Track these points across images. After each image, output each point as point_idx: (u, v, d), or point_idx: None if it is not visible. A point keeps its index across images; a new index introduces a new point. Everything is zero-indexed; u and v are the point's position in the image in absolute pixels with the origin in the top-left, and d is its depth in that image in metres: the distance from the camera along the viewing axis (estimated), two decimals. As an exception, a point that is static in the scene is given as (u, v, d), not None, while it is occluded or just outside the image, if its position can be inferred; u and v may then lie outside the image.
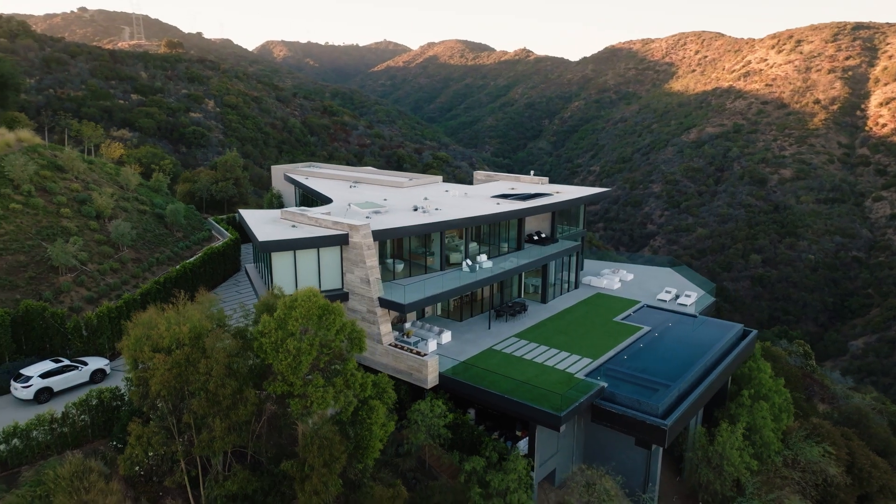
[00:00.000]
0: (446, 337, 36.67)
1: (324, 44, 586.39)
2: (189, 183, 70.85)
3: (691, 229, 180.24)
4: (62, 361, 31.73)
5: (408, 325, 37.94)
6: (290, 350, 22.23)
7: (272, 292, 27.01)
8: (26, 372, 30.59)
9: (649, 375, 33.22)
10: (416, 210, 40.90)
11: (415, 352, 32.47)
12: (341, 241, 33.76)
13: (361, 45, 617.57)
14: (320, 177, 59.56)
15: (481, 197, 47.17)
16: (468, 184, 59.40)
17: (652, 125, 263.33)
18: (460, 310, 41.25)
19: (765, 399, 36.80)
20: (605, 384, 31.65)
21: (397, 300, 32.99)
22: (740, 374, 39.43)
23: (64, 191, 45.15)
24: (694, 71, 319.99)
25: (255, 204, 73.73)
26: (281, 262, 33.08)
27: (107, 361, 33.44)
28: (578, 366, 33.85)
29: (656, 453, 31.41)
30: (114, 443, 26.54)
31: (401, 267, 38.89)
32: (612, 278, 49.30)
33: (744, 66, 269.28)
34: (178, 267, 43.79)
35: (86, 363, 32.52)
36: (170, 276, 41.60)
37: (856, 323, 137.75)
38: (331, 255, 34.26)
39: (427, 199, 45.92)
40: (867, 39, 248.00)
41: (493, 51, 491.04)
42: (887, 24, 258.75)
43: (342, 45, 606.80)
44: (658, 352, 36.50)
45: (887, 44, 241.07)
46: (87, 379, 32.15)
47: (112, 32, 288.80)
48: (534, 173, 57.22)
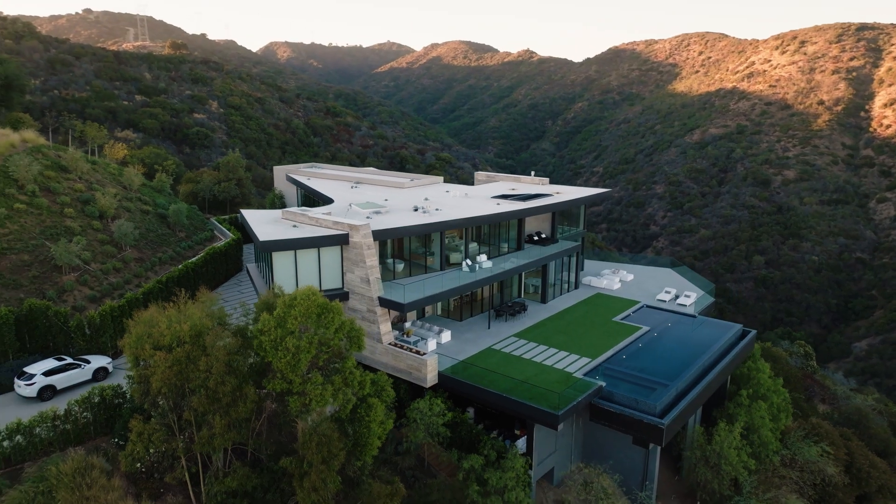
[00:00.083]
0: (446, 336, 36.88)
1: (327, 45, 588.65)
2: (192, 183, 71.28)
3: (694, 230, 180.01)
4: (65, 359, 32.07)
5: (408, 325, 38.16)
6: (289, 348, 22.47)
7: (272, 291, 27.27)
8: (30, 370, 30.95)
9: (647, 375, 33.37)
10: (416, 210, 41.13)
11: (414, 351, 32.68)
12: (342, 240, 34.03)
13: (365, 46, 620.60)
14: (322, 177, 59.86)
15: (482, 197, 47.38)
16: (471, 185, 59.60)
17: (655, 126, 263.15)
18: (460, 309, 41.45)
19: (763, 399, 36.89)
20: (604, 383, 31.83)
21: (397, 300, 33.22)
22: (739, 374, 39.52)
23: (67, 191, 45.53)
24: (697, 72, 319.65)
25: (258, 204, 74.09)
26: (282, 261, 33.37)
27: (109, 360, 33.76)
28: (577, 365, 34.02)
29: (654, 452, 31.54)
30: (115, 440, 26.82)
31: (401, 267, 39.13)
32: (612, 279, 49.45)
33: (747, 67, 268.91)
34: (180, 266, 44.09)
35: (88, 361, 32.87)
36: (172, 275, 41.90)
37: (859, 325, 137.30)
38: (331, 254, 34.53)
39: (428, 199, 46.16)
40: (871, 40, 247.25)
41: (496, 52, 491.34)
42: (892, 24, 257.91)
43: (346, 46, 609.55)
44: (657, 352, 36.65)
45: (892, 45, 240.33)
46: (89, 377, 32.50)
47: (116, 34, 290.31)
48: (534, 174, 57.40)
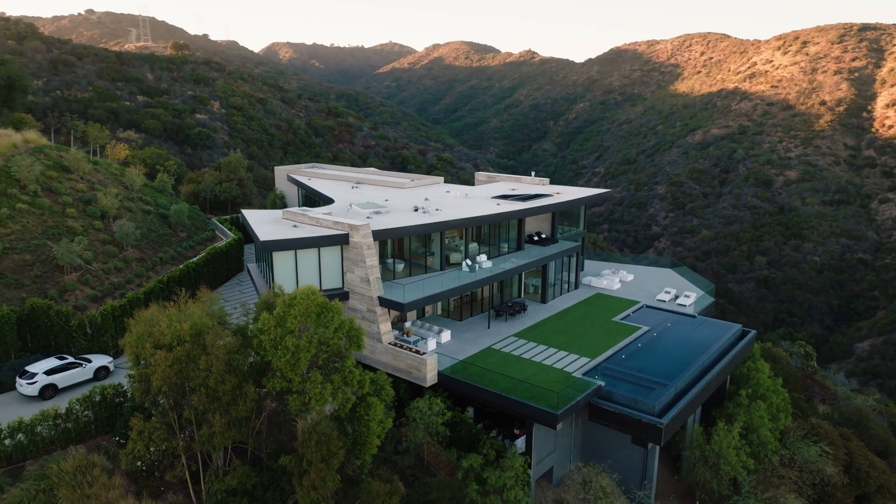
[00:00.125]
0: (446, 336, 36.99)
1: (329, 45, 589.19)
2: (193, 184, 71.50)
3: (696, 231, 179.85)
4: (66, 359, 32.23)
5: (408, 325, 38.26)
6: (288, 347, 22.59)
7: (272, 291, 27.39)
8: (31, 369, 31.12)
9: (647, 375, 33.43)
10: (416, 210, 41.25)
11: (414, 350, 32.79)
12: (342, 240, 34.15)
13: (367, 46, 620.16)
14: (323, 178, 60.02)
15: (482, 198, 47.48)
16: (472, 185, 59.73)
17: (657, 127, 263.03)
18: (460, 309, 41.56)
19: (762, 399, 36.93)
20: (603, 383, 31.90)
21: (397, 299, 33.34)
22: (739, 374, 39.55)
23: (69, 191, 45.73)
24: (699, 72, 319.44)
25: (259, 204, 74.26)
26: (282, 261, 33.51)
27: (110, 359, 33.92)
28: (576, 365, 34.10)
29: (653, 451, 31.60)
30: (116, 438, 26.98)
31: (401, 267, 39.25)
32: (612, 279, 49.51)
33: (749, 68, 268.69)
34: (181, 266, 44.24)
35: (90, 360, 33.04)
36: (173, 275, 42.06)
37: (861, 325, 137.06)
38: (331, 254, 34.65)
39: (428, 199, 46.27)
40: (874, 41, 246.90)
41: (498, 52, 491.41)
42: (894, 24, 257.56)
43: (347, 46, 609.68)
44: (656, 351, 36.71)
45: (894, 45, 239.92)
46: (90, 376, 32.65)
47: (119, 34, 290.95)
48: (535, 174, 57.49)
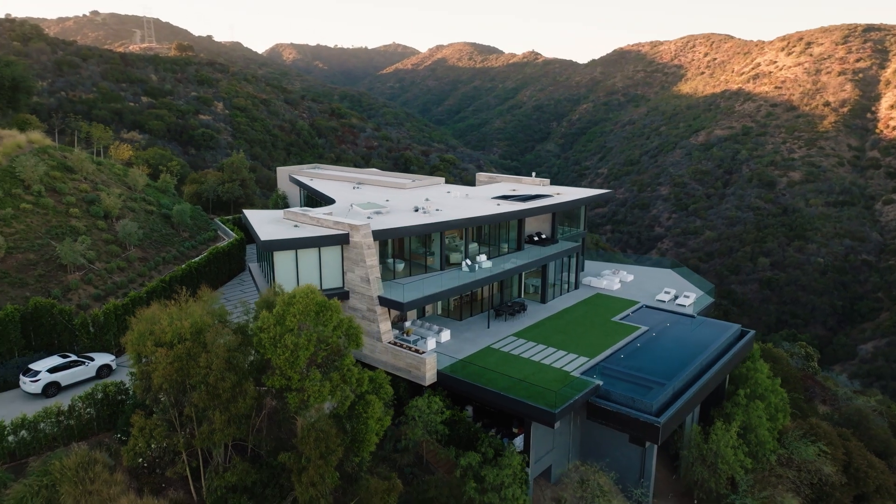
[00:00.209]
0: (445, 335, 37.20)
1: (333, 46, 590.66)
2: (196, 184, 71.91)
3: (699, 232, 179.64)
4: (69, 357, 32.55)
5: (408, 324, 38.49)
6: (287, 345, 22.83)
7: (272, 290, 27.64)
8: (35, 367, 31.46)
9: (645, 374, 33.56)
10: (416, 211, 41.49)
11: (414, 349, 33.00)
12: (342, 240, 34.41)
13: (370, 47, 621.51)
14: (324, 178, 60.34)
15: (482, 198, 47.69)
16: (474, 186, 59.93)
17: (660, 128, 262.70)
18: (460, 309, 41.77)
19: (761, 399, 37.01)
20: (601, 382, 32.06)
21: (396, 299, 33.57)
22: (738, 374, 39.65)
23: (73, 191, 46.12)
24: (703, 73, 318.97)
25: (262, 205, 74.62)
26: (283, 260, 33.78)
27: (113, 357, 34.23)
28: (575, 364, 34.27)
29: (651, 450, 31.77)
30: (118, 435, 27.27)
31: (401, 266, 39.49)
32: (612, 279, 49.65)
33: (753, 69, 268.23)
34: (183, 266, 44.55)
35: (92, 359, 33.35)
36: (175, 274, 42.38)
37: (865, 327, 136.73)
38: (332, 254, 34.91)
39: (428, 199, 46.51)
40: (878, 41, 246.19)
41: (501, 53, 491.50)
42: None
43: (351, 47, 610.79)
44: (655, 351, 36.84)
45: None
46: (93, 374, 32.95)
47: (123, 35, 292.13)
48: (535, 175, 57.66)
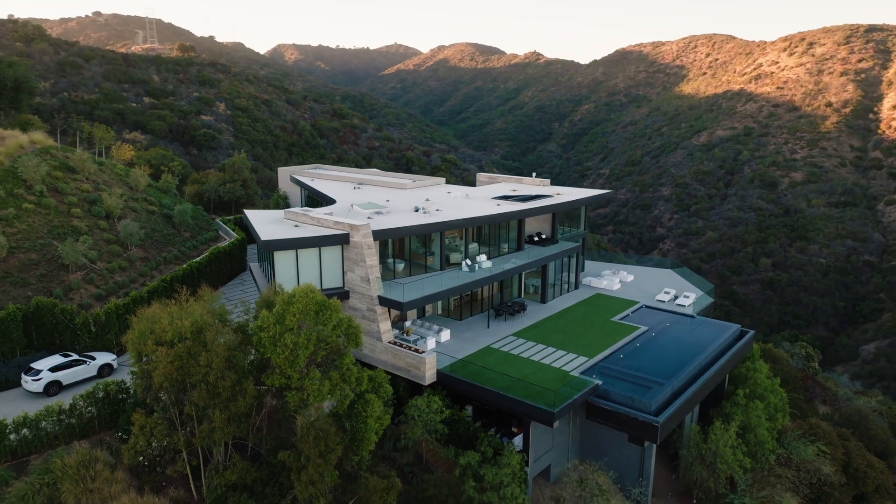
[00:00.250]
0: (445, 335, 37.30)
1: (335, 47, 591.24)
2: (198, 184, 72.11)
3: (701, 232, 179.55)
4: (71, 356, 32.72)
5: (408, 324, 38.60)
6: (287, 344, 22.96)
7: (272, 289, 27.77)
8: (36, 366, 31.63)
9: (644, 374, 33.63)
10: (417, 211, 41.61)
11: (413, 349, 33.10)
12: (342, 240, 34.53)
13: (372, 48, 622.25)
14: (325, 178, 60.49)
15: (482, 198, 47.80)
16: (475, 186, 60.04)
17: (662, 128, 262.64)
18: (460, 309, 41.88)
19: (760, 398, 37.05)
20: (600, 382, 32.13)
21: (396, 298, 33.69)
22: (737, 374, 39.69)
23: (75, 191, 46.33)
24: (705, 74, 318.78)
25: (263, 205, 74.82)
26: (283, 260, 33.91)
27: (114, 356, 34.39)
28: (574, 364, 34.34)
29: (650, 450, 31.83)
30: (119, 434, 27.42)
31: (401, 266, 39.61)
32: (612, 279, 49.72)
33: (755, 69, 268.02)
34: (184, 266, 44.73)
35: (94, 358, 33.51)
36: (176, 274, 42.55)
37: (867, 327, 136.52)
38: (332, 254, 35.03)
39: (429, 200, 46.63)
40: (880, 42, 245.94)
41: (503, 54, 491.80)
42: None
43: (353, 48, 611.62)
44: (654, 351, 36.90)
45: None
46: (94, 373, 33.10)
47: (126, 36, 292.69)
48: (535, 175, 57.75)
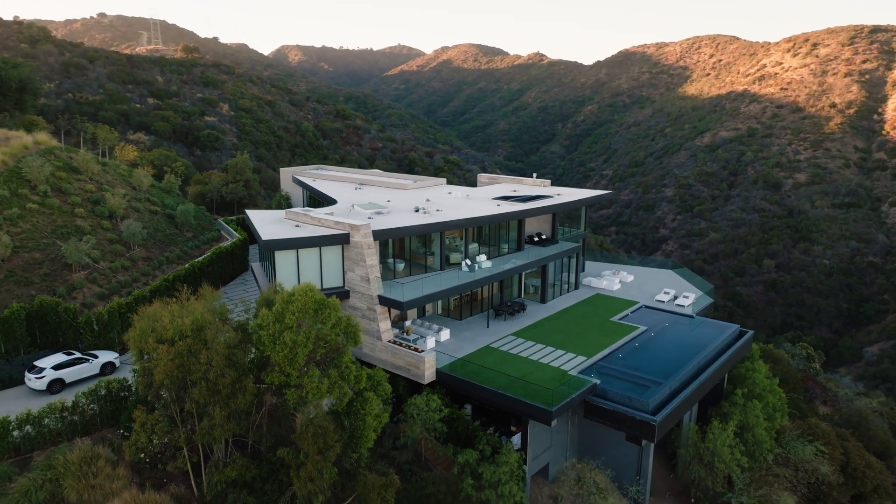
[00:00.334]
0: (445, 335, 37.51)
1: (338, 48, 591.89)
2: (200, 185, 72.48)
3: (704, 234, 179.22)
4: (74, 354, 33.08)
5: (408, 323, 38.83)
6: (286, 342, 23.22)
7: (273, 288, 28.03)
8: (40, 364, 31.99)
9: (642, 373, 33.78)
10: (417, 211, 41.85)
11: (413, 348, 33.33)
12: (342, 240, 34.79)
13: (375, 49, 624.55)
14: (327, 179, 60.79)
15: (483, 199, 48.02)
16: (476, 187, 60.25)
17: (665, 129, 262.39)
18: (460, 309, 42.09)
19: (758, 398, 37.15)
20: (598, 381, 32.30)
21: (396, 298, 33.93)
22: (736, 374, 39.80)
23: (78, 191, 46.71)
24: (708, 75, 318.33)
25: (265, 205, 75.21)
26: (284, 260, 34.17)
27: (116, 355, 34.72)
28: (573, 363, 34.51)
29: (647, 449, 31.97)
30: (121, 431, 27.73)
31: (401, 266, 39.85)
32: (612, 279, 49.86)
33: (759, 70, 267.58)
34: (186, 265, 45.05)
35: (96, 356, 33.84)
36: (178, 274, 42.87)
37: (871, 329, 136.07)
38: (332, 253, 35.29)
39: (429, 200, 46.86)
40: (885, 42, 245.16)
41: (506, 55, 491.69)
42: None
43: (356, 49, 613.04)
44: (653, 351, 37.05)
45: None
46: (97, 371, 33.44)
47: (130, 37, 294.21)
48: (536, 176, 57.93)
